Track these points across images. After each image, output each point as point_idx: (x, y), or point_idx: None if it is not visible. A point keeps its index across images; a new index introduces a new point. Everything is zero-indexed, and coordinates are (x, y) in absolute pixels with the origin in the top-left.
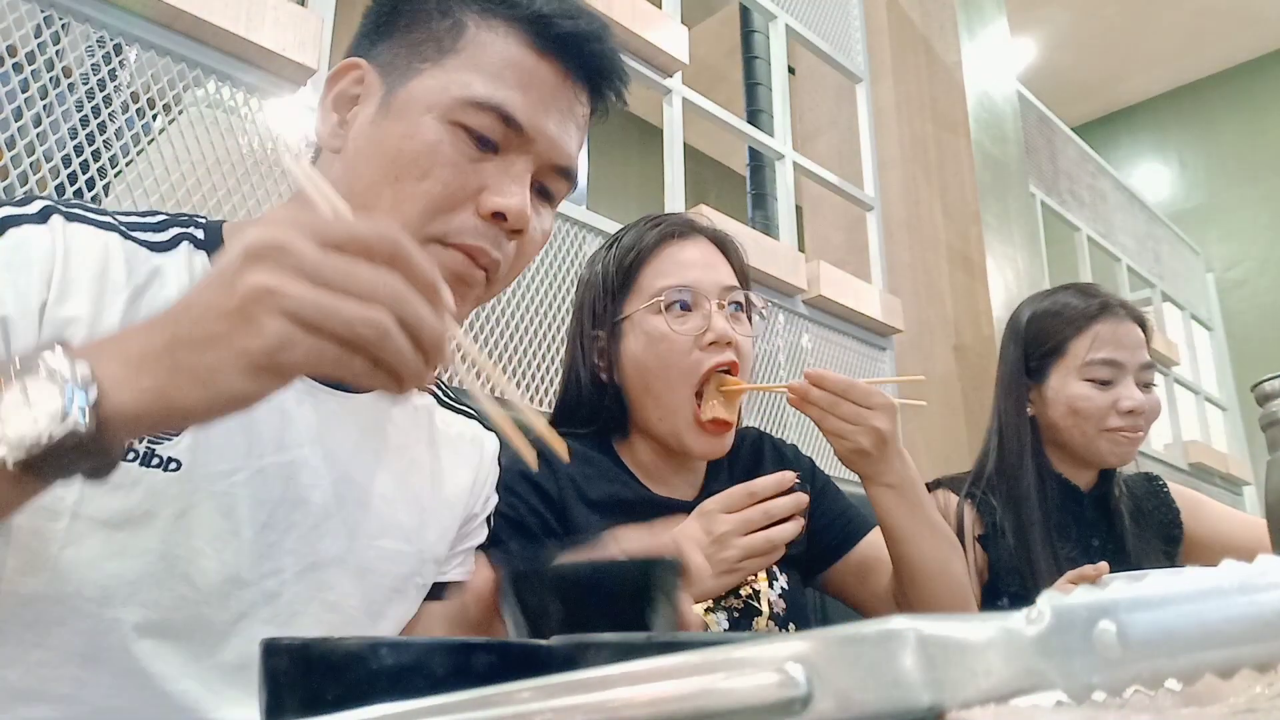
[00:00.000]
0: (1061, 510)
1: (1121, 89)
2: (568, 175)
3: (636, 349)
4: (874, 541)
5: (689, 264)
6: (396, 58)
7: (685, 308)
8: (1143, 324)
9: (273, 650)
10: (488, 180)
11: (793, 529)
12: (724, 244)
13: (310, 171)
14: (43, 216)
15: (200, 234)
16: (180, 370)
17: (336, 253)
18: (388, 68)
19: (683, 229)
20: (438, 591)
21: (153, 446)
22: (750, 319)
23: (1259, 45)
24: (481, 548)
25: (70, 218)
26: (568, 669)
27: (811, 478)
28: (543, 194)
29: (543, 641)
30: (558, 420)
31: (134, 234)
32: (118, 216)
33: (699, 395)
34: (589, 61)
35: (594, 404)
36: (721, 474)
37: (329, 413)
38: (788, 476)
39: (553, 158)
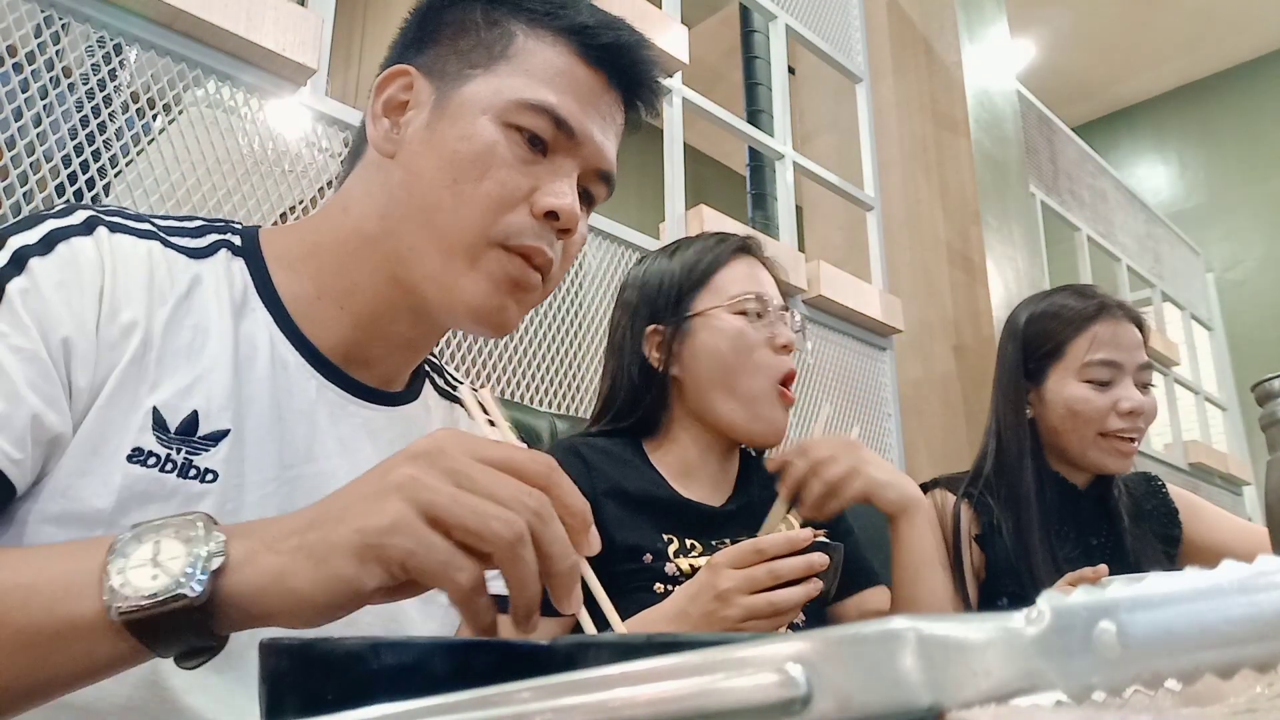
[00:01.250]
0: (1060, 510)
1: (1121, 89)
2: (608, 181)
3: (714, 342)
4: (868, 599)
5: (759, 277)
6: (446, 64)
7: (755, 314)
8: (1140, 324)
9: (273, 650)
10: (539, 181)
11: (801, 593)
12: (773, 267)
13: (484, 397)
14: (88, 228)
15: (237, 240)
16: (303, 549)
17: (490, 467)
18: (437, 74)
19: (751, 247)
20: None
21: (190, 458)
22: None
23: (1259, 45)
24: None
25: (113, 229)
26: (568, 669)
27: (841, 520)
28: (584, 197)
29: (543, 642)
30: (601, 415)
31: (173, 240)
32: (155, 222)
33: (783, 383)
34: (629, 71)
35: (638, 396)
36: (751, 486)
37: (358, 425)
38: (802, 536)
39: (597, 162)
